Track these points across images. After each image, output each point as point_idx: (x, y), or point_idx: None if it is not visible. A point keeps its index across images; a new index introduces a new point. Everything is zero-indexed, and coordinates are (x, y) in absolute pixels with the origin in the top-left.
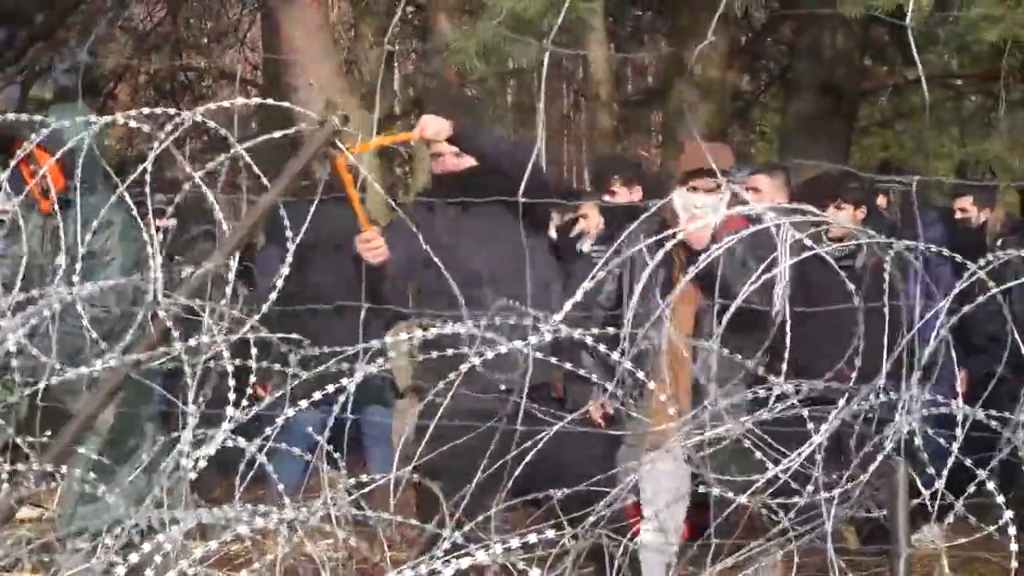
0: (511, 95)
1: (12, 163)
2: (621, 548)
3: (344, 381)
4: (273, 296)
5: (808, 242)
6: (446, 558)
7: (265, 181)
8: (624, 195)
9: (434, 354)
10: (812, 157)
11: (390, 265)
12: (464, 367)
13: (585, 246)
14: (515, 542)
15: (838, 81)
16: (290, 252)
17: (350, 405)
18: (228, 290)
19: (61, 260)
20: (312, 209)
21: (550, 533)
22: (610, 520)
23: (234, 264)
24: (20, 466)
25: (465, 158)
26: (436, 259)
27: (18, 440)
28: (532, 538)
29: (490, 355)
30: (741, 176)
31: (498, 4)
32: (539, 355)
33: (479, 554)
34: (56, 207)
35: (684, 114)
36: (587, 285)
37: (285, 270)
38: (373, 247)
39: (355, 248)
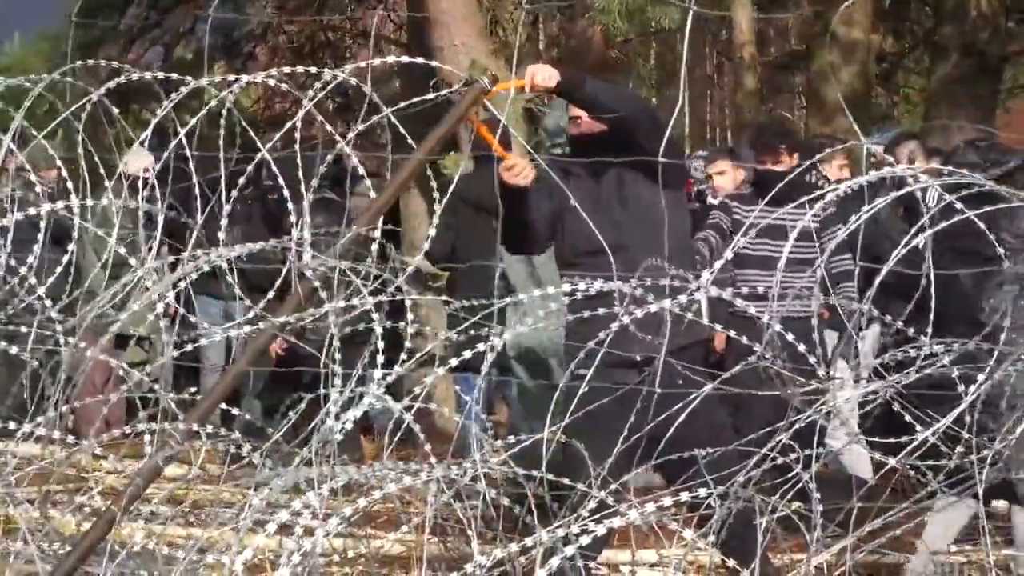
0: (654, 56)
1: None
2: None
3: (493, 340)
4: (418, 259)
5: (959, 205)
6: (594, 517)
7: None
8: (787, 163)
9: (585, 313)
10: (956, 120)
11: (536, 215)
12: (615, 326)
13: (711, 199)
14: (667, 501)
15: (982, 44)
16: (436, 213)
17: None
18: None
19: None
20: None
21: (702, 492)
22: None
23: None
24: (167, 425)
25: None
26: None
27: (166, 399)
28: (684, 496)
29: (640, 314)
30: (881, 139)
31: None
32: (690, 315)
33: (631, 513)
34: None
35: (828, 76)
36: (740, 242)
37: (431, 231)
38: (518, 171)
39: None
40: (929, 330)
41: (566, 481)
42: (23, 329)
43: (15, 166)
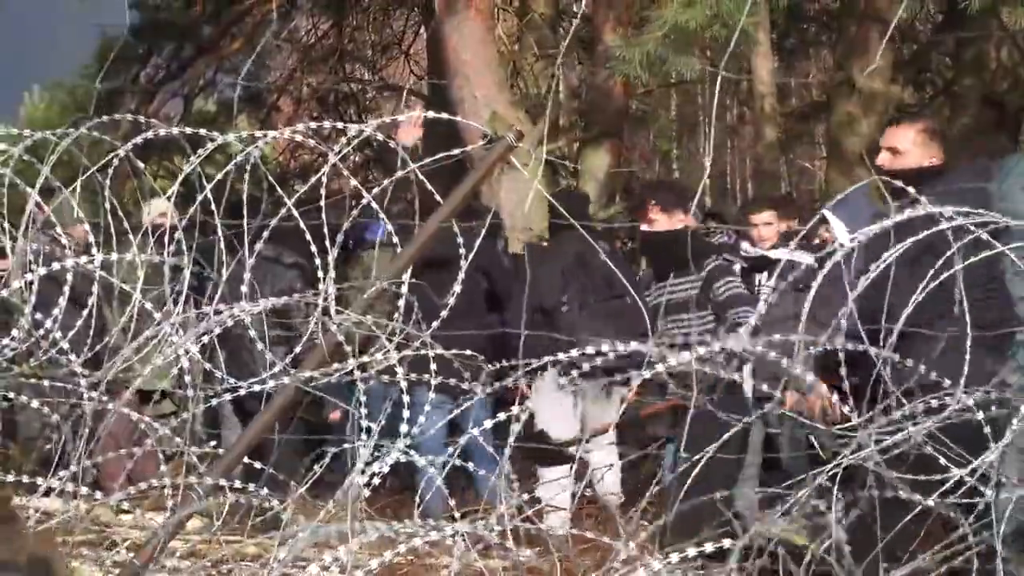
0: (675, 107)
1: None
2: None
3: (515, 410)
4: (444, 313)
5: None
6: (622, 572)
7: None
8: (663, 222)
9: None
10: None
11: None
12: (635, 383)
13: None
14: (691, 551)
15: (1002, 94)
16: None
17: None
18: (401, 305)
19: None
20: None
21: (726, 543)
22: None
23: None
24: (192, 479)
25: None
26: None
27: (189, 453)
28: (708, 547)
29: (661, 368)
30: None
31: (662, 16)
32: (708, 369)
33: (654, 564)
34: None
35: (848, 127)
36: (772, 298)
37: (457, 288)
38: None
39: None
40: (962, 380)
41: (589, 534)
42: (45, 383)
43: (41, 221)
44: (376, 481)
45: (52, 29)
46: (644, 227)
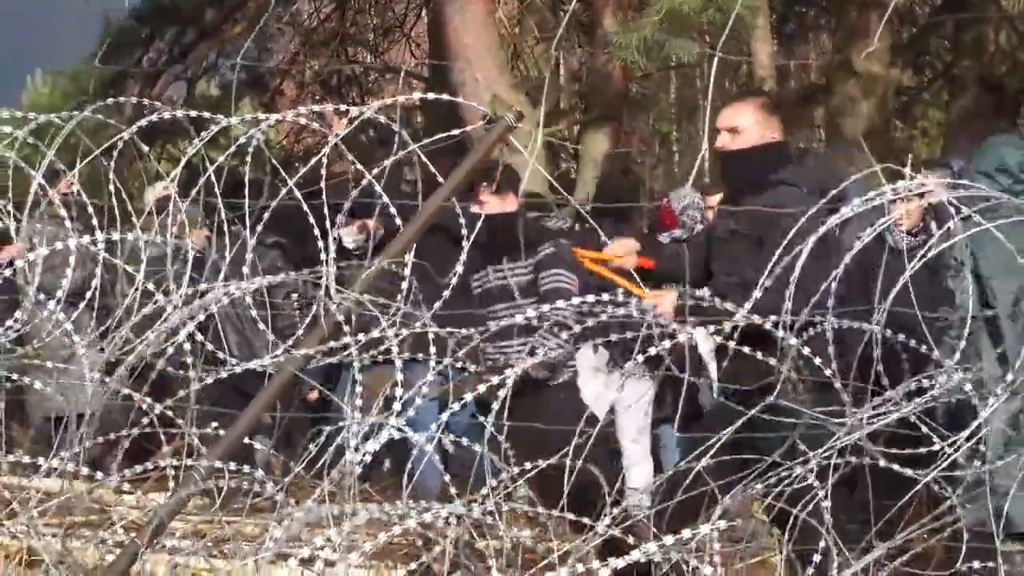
0: (674, 91)
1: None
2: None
3: (508, 372)
4: (446, 294)
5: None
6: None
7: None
8: (495, 204)
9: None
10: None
11: None
12: (658, 347)
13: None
14: (687, 533)
15: (1001, 77)
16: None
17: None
18: (404, 286)
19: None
20: None
21: (721, 524)
22: None
23: (409, 260)
24: (190, 461)
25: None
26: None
27: (189, 434)
28: (704, 528)
29: (682, 337)
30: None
31: (659, 0)
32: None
33: (649, 546)
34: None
35: (847, 110)
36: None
37: (460, 268)
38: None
39: None
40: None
41: (586, 520)
42: (48, 364)
43: (45, 203)
44: (368, 459)
45: (54, 14)
46: (475, 209)
